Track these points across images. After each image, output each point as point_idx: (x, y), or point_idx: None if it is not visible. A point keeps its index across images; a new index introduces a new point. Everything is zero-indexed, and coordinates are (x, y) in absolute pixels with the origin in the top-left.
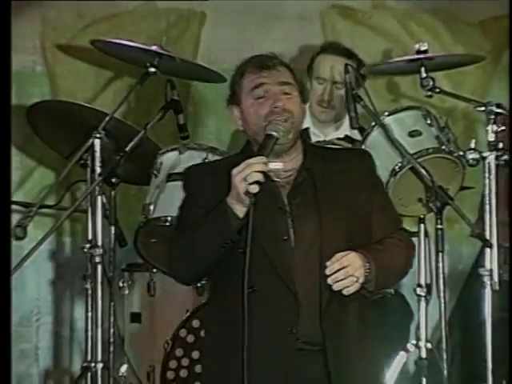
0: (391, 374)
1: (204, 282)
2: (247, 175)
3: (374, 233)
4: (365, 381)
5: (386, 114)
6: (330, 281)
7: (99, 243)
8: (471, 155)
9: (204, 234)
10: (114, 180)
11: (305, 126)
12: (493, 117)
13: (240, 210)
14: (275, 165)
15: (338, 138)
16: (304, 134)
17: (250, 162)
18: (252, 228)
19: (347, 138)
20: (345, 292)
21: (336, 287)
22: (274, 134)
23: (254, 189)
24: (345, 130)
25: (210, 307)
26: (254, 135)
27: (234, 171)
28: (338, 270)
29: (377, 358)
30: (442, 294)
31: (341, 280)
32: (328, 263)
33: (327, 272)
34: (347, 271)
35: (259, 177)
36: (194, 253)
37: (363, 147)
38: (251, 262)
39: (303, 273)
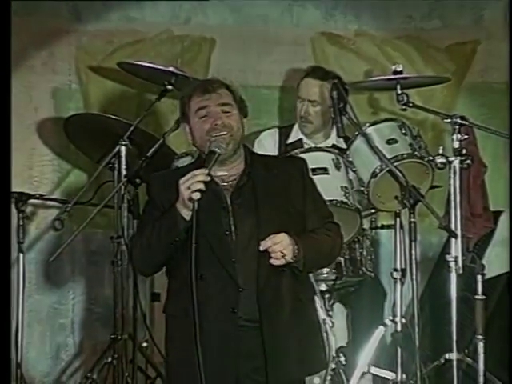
0: (371, 344)
1: None
2: (191, 184)
3: (307, 226)
4: (296, 353)
5: (367, 124)
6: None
7: (125, 234)
8: (439, 159)
9: (158, 232)
10: (137, 180)
11: (298, 137)
12: (457, 127)
13: (186, 214)
14: (221, 173)
15: (327, 146)
16: (298, 143)
17: (194, 173)
18: (198, 226)
19: (334, 146)
20: (272, 262)
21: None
22: (216, 150)
23: (196, 196)
24: (332, 139)
25: (169, 293)
26: (200, 148)
27: (181, 181)
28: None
29: (309, 333)
30: (414, 277)
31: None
32: (262, 242)
33: (261, 248)
34: (275, 248)
35: (201, 186)
36: (149, 248)
37: (348, 153)
38: (200, 254)
39: (242, 262)
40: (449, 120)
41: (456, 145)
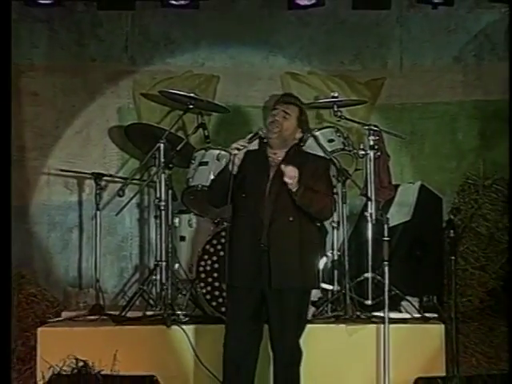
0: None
1: (219, 219)
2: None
3: None
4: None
5: (316, 130)
6: None
7: (163, 198)
8: (360, 152)
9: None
10: (170, 165)
11: None
12: (372, 132)
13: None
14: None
15: None
16: None
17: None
18: (246, 180)
19: None
20: (286, 179)
21: None
22: (259, 132)
23: (233, 152)
24: None
25: (230, 222)
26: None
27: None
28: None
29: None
30: (345, 226)
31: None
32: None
33: (282, 167)
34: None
35: (236, 146)
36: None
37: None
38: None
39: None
40: (366, 127)
41: (371, 143)
